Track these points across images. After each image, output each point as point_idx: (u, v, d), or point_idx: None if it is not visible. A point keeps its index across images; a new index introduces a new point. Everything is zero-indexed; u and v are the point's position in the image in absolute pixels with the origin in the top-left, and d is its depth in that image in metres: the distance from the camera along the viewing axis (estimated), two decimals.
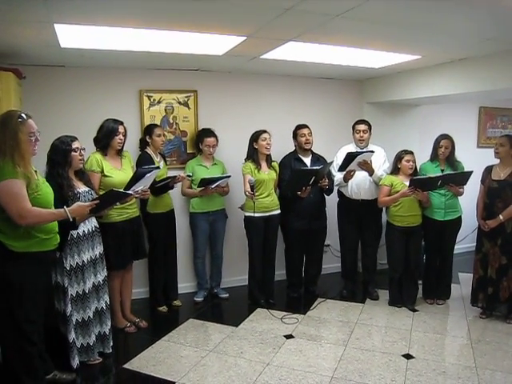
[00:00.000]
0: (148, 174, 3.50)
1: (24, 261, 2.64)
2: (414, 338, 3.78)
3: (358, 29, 3.12)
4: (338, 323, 4.14)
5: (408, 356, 3.48)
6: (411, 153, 4.28)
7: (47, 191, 2.77)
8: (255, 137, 4.33)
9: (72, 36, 3.17)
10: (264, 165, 4.38)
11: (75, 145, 3.15)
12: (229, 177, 4.41)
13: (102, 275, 3.35)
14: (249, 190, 4.14)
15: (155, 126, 4.30)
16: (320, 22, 2.94)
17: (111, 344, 3.42)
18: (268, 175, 4.36)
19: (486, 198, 4.06)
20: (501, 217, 3.89)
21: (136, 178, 3.45)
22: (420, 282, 4.56)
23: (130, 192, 3.33)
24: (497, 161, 4.08)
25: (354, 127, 4.59)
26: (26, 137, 2.59)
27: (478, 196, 4.18)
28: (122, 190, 3.28)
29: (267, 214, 4.37)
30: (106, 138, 3.68)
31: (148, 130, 4.23)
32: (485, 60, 3.86)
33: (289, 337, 3.83)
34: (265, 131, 4.33)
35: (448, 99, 4.97)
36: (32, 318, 2.73)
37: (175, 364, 3.37)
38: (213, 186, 4.30)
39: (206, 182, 4.26)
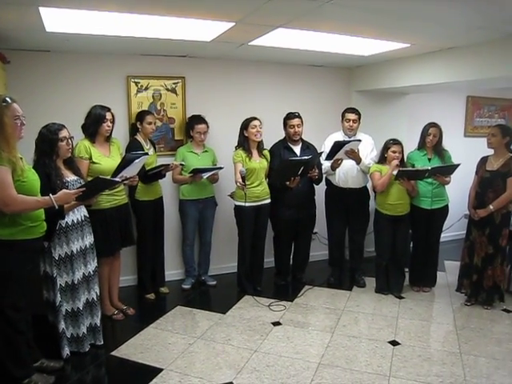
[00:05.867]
0: (136, 160, 3.47)
1: (10, 249, 2.61)
2: (400, 325, 3.83)
3: (347, 16, 3.10)
4: (325, 310, 4.17)
5: (394, 342, 3.53)
6: (399, 143, 4.28)
7: (33, 178, 2.74)
8: (245, 124, 4.28)
9: (57, 20, 3.10)
10: (255, 153, 4.34)
11: (62, 134, 3.08)
12: (221, 168, 4.39)
13: (92, 266, 3.31)
14: (240, 180, 4.10)
15: (148, 113, 4.27)
16: (310, 8, 2.91)
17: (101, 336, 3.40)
18: (259, 164, 4.32)
19: (478, 188, 4.10)
20: (491, 207, 3.93)
21: (124, 164, 3.43)
22: (406, 269, 4.61)
23: (116, 179, 3.30)
24: (488, 151, 4.11)
25: (343, 115, 4.57)
26: (11, 120, 2.55)
27: (471, 185, 4.22)
28: (108, 178, 3.25)
29: (258, 204, 4.33)
30: (93, 125, 3.64)
31: (140, 116, 4.19)
32: (473, 49, 3.86)
33: (276, 324, 3.86)
34: (255, 118, 4.28)
35: (436, 88, 4.99)
36: (19, 305, 2.71)
37: (163, 351, 3.38)
38: (204, 177, 4.29)
39: (197, 172, 4.26)
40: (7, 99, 2.56)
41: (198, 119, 4.47)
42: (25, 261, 2.71)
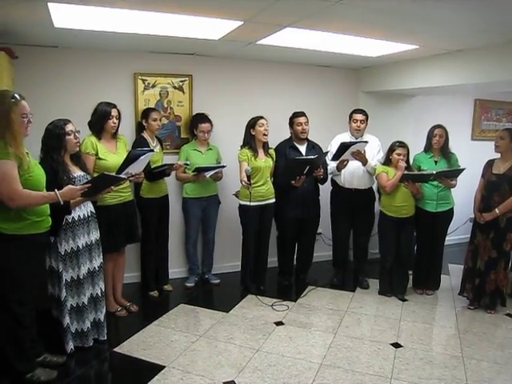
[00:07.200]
0: (142, 157, 3.47)
1: (15, 243, 2.62)
2: (402, 327, 3.82)
3: (356, 17, 3.09)
4: (328, 311, 4.17)
5: (396, 345, 3.52)
6: (404, 146, 4.26)
7: (39, 173, 2.75)
8: (252, 123, 4.27)
9: (66, 16, 3.11)
10: (261, 152, 4.33)
11: (69, 128, 3.09)
12: (224, 167, 4.39)
13: (97, 261, 3.32)
14: (245, 179, 4.09)
15: (152, 109, 4.28)
16: (318, 8, 2.90)
17: (106, 331, 3.41)
18: (265, 163, 4.31)
19: (484, 191, 4.08)
20: (497, 210, 3.92)
21: (129, 161, 3.43)
22: (410, 272, 4.59)
23: (122, 176, 3.30)
24: (495, 155, 4.08)
25: (351, 116, 4.56)
26: (19, 117, 2.56)
27: (477, 188, 4.20)
28: (113, 174, 3.26)
29: (263, 203, 4.32)
30: (99, 122, 3.66)
31: (145, 114, 4.21)
32: (481, 52, 3.84)
33: (279, 324, 3.86)
34: (262, 117, 4.27)
35: (444, 90, 4.96)
36: (23, 300, 2.72)
37: (165, 348, 3.39)
38: (207, 176, 4.29)
39: (200, 170, 4.26)
40: (16, 96, 2.57)
41: (202, 118, 4.47)
42: (30, 255, 2.72)
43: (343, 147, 4.18)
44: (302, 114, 4.48)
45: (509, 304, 4.18)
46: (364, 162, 4.39)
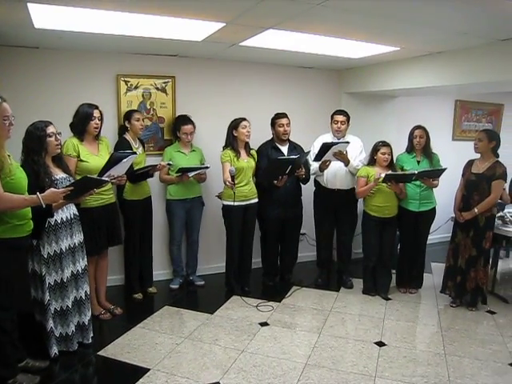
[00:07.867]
0: (124, 160, 3.45)
1: None
2: (386, 326, 3.86)
3: (338, 18, 3.12)
4: (313, 311, 4.19)
5: (380, 343, 3.56)
6: (388, 145, 4.33)
7: (21, 176, 2.71)
8: (235, 124, 4.29)
9: (46, 16, 3.07)
10: (243, 153, 4.35)
11: (50, 129, 3.05)
12: (207, 167, 4.40)
13: (81, 264, 3.29)
14: (229, 179, 4.10)
15: (134, 111, 4.27)
16: (300, 11, 2.92)
17: (91, 335, 3.39)
18: (247, 163, 4.33)
19: (464, 191, 4.15)
20: (476, 210, 3.98)
21: (111, 163, 3.40)
22: (393, 271, 4.64)
23: (105, 179, 3.27)
24: (475, 155, 4.15)
25: (332, 117, 4.59)
26: (0, 120, 2.52)
27: (458, 188, 4.27)
28: (96, 177, 3.22)
29: (246, 203, 4.35)
30: (81, 123, 3.62)
31: (127, 116, 4.20)
32: (462, 54, 3.90)
33: (264, 324, 3.87)
34: (244, 119, 4.29)
35: (425, 91, 5.03)
36: (5, 305, 2.68)
37: (150, 351, 3.37)
38: (191, 175, 4.29)
39: (184, 171, 4.26)
40: None
41: (184, 120, 4.46)
42: (11, 259, 2.68)
43: (325, 147, 4.21)
44: (284, 115, 4.51)
45: (489, 301, 4.26)
46: (346, 162, 4.42)
